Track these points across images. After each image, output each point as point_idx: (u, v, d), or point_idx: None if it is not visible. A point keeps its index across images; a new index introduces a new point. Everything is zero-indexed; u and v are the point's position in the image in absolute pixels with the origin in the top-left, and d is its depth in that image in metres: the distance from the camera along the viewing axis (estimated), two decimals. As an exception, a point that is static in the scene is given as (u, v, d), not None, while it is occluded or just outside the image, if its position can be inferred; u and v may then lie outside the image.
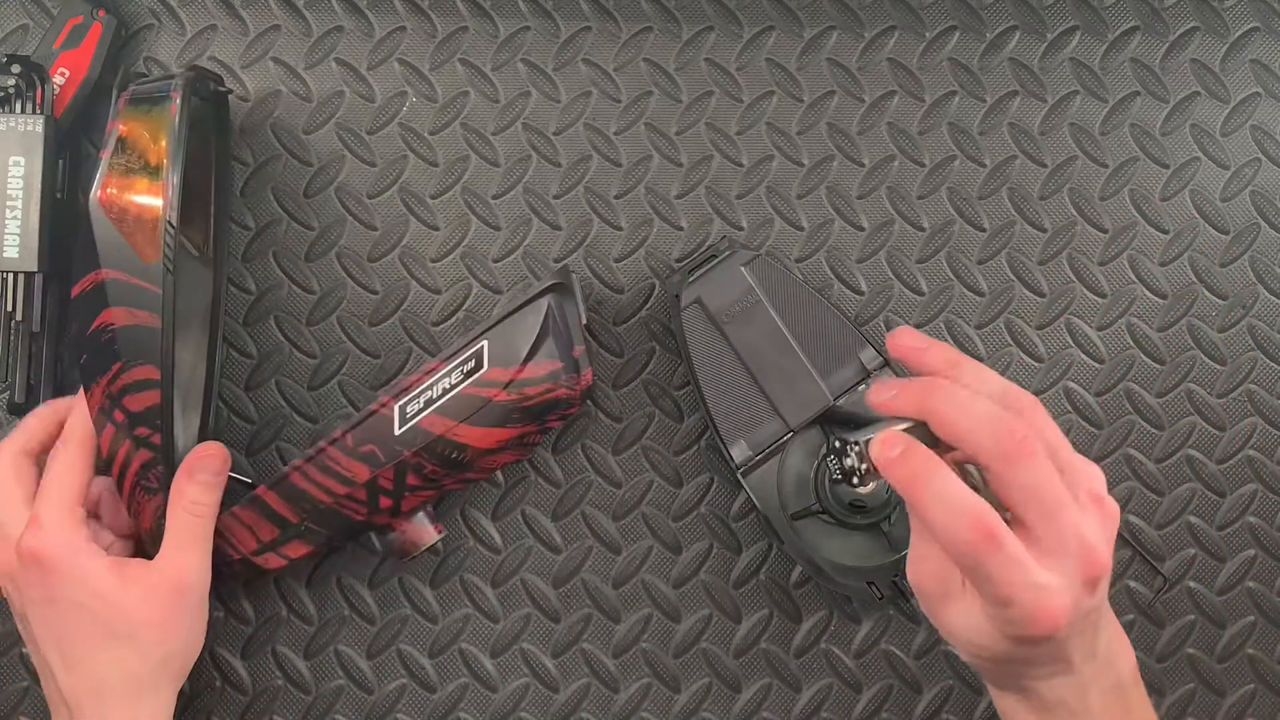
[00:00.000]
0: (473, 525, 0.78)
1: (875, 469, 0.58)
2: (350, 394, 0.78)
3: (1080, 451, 0.78)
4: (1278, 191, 0.80)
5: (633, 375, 0.78)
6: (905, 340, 0.62)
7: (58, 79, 0.75)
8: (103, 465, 0.69)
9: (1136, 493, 0.79)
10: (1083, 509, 0.57)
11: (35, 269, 0.73)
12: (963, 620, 0.59)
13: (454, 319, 0.79)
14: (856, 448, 0.60)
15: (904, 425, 0.58)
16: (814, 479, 0.73)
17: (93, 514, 0.71)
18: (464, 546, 0.78)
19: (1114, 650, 0.62)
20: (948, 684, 0.78)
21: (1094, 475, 0.59)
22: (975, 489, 0.57)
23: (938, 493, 0.56)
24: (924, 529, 0.59)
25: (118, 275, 0.67)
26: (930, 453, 0.57)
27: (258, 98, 0.79)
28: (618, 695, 0.78)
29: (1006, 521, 0.56)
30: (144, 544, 0.71)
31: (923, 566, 0.60)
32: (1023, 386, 0.78)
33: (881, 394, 0.60)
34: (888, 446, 0.58)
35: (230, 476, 0.77)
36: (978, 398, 0.57)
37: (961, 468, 0.59)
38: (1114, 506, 0.58)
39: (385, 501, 0.71)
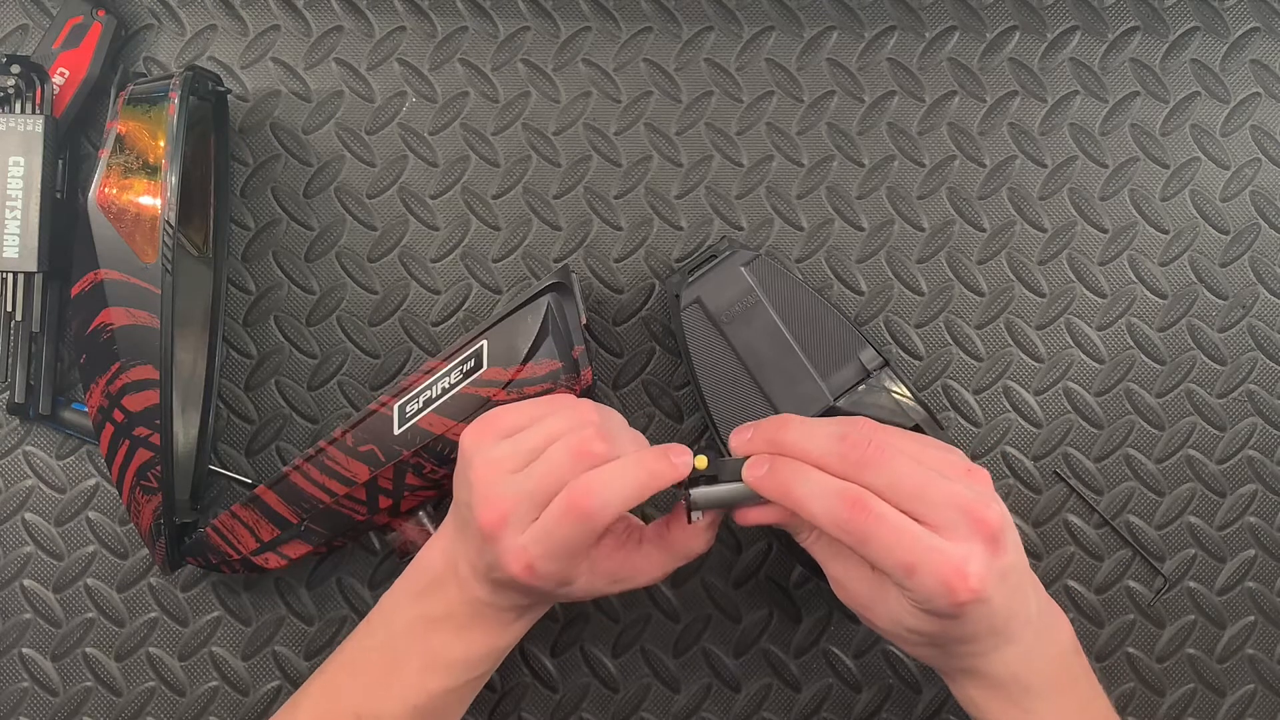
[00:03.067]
0: (472, 525, 0.78)
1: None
2: (350, 394, 0.78)
3: (1080, 451, 0.79)
4: (1278, 191, 0.80)
5: (633, 375, 0.78)
6: (735, 440, 0.64)
7: (57, 79, 0.75)
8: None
9: (1136, 493, 0.79)
10: (952, 480, 0.59)
11: (35, 269, 0.73)
12: (891, 615, 0.60)
13: (454, 319, 0.79)
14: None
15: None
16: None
17: None
18: (464, 546, 0.78)
19: (1050, 618, 0.64)
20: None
21: (951, 453, 0.61)
22: None
23: (807, 488, 0.59)
24: (828, 550, 0.62)
25: (116, 275, 0.67)
26: (792, 460, 0.60)
27: (257, 98, 0.79)
28: (617, 695, 0.78)
29: None
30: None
31: (844, 586, 0.62)
32: (1023, 387, 0.78)
33: (740, 436, 0.63)
34: (756, 468, 0.61)
35: (230, 476, 0.77)
36: (818, 425, 0.61)
37: None
38: (982, 471, 0.60)
39: (385, 501, 0.71)
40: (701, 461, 0.62)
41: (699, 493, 0.63)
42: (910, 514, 0.58)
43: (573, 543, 0.60)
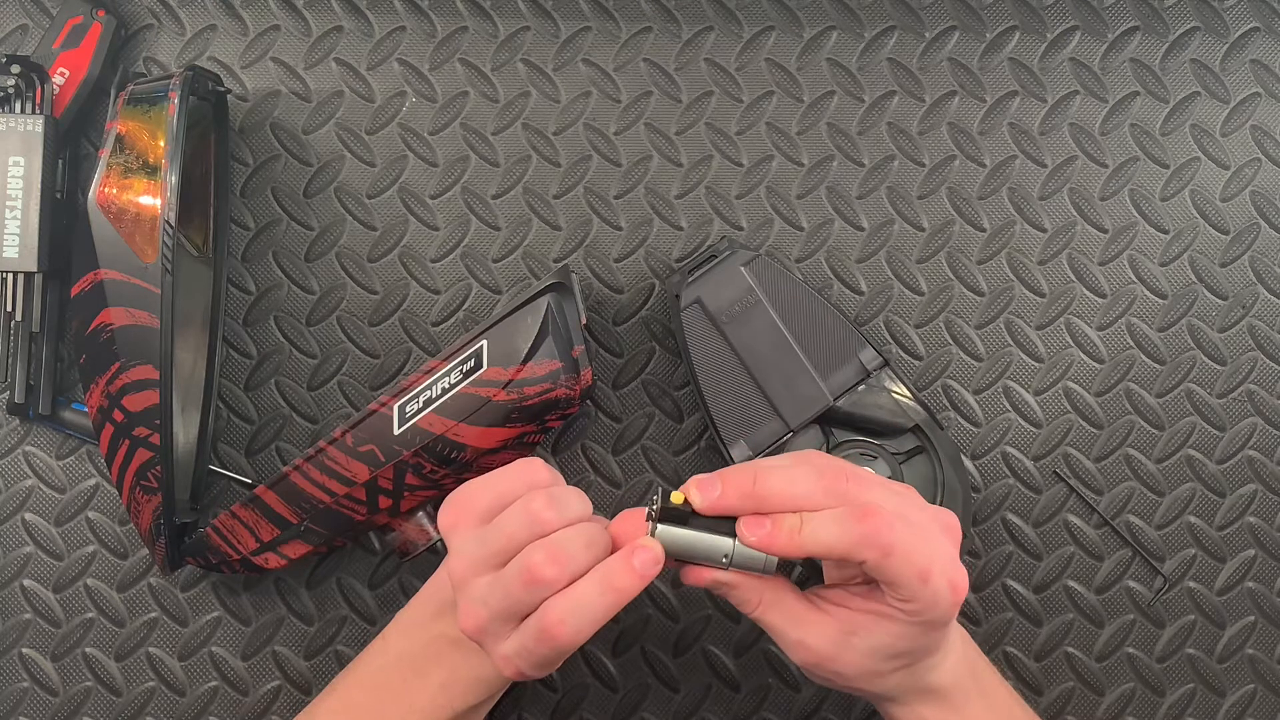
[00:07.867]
0: (472, 525, 0.78)
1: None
2: (350, 394, 0.78)
3: (1080, 451, 0.79)
4: (1278, 191, 0.80)
5: (633, 375, 0.78)
6: (701, 495, 0.60)
7: (57, 79, 0.75)
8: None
9: (1136, 493, 0.79)
10: (921, 508, 0.60)
11: (35, 269, 0.73)
12: (869, 652, 0.60)
13: (454, 319, 0.79)
14: (726, 560, 0.60)
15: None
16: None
17: None
18: (464, 546, 0.78)
19: None
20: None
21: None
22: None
23: (816, 526, 0.57)
24: (783, 617, 0.61)
25: (116, 275, 0.67)
26: (788, 514, 0.58)
27: (257, 98, 0.79)
28: (617, 695, 0.78)
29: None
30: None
31: (806, 646, 0.61)
32: (1023, 387, 0.78)
33: (709, 492, 0.59)
34: (756, 527, 0.58)
35: (230, 476, 0.77)
36: (787, 469, 0.59)
37: None
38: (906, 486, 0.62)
39: (385, 501, 0.71)
40: (678, 497, 0.59)
41: (664, 534, 0.59)
42: (902, 538, 0.57)
43: (555, 659, 0.61)
